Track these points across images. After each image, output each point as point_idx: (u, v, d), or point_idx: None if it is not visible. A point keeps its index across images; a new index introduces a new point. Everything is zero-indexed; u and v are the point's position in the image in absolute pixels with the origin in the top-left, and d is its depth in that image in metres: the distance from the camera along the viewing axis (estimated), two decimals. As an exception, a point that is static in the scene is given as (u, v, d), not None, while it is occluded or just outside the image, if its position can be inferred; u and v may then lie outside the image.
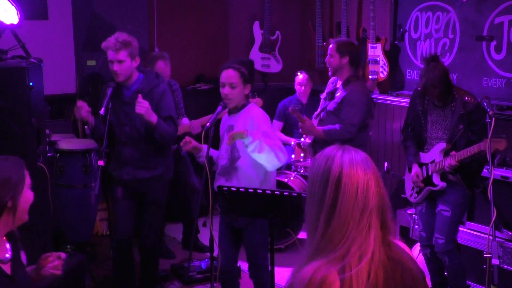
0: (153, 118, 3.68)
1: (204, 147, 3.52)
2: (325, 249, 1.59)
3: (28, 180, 2.27)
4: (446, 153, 3.79)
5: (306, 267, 1.57)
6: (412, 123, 4.02)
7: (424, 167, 3.92)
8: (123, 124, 3.82)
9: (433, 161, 3.86)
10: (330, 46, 4.39)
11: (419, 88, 3.92)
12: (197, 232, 5.18)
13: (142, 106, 3.61)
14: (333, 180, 1.60)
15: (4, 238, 2.22)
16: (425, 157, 3.92)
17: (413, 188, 4.04)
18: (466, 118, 3.71)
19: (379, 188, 1.64)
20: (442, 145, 3.80)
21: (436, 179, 3.85)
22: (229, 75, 3.45)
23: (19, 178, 2.21)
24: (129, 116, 3.76)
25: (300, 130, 4.41)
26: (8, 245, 2.19)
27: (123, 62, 3.73)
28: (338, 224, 1.58)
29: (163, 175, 4.00)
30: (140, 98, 3.63)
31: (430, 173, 3.87)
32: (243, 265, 4.24)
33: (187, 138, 3.54)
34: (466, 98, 3.74)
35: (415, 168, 3.94)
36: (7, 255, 2.16)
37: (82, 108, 3.79)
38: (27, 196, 2.26)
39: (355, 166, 1.62)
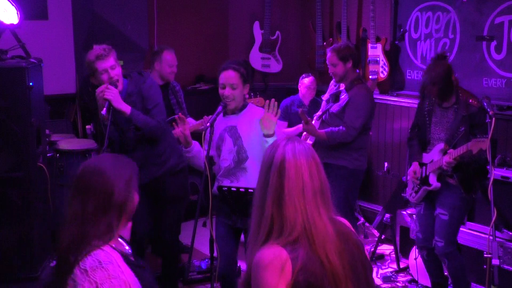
0: (124, 107, 3.61)
1: (195, 144, 3.48)
2: (279, 231, 1.75)
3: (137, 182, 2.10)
4: (444, 153, 3.78)
5: (263, 250, 1.73)
6: (419, 123, 4.01)
7: (424, 167, 3.93)
8: (126, 131, 3.77)
9: (431, 161, 3.86)
10: (329, 55, 4.38)
11: None
12: (178, 233, 5.21)
13: (110, 92, 3.55)
14: (276, 166, 1.79)
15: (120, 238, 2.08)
16: (426, 157, 3.92)
17: (413, 188, 4.04)
18: (468, 120, 3.69)
19: (320, 172, 1.83)
20: (441, 146, 3.80)
21: (432, 179, 3.85)
22: (229, 76, 3.42)
23: (136, 179, 2.05)
24: (128, 121, 3.72)
25: (303, 129, 4.42)
26: (124, 243, 2.08)
27: (115, 67, 3.67)
28: (291, 206, 1.75)
29: (177, 165, 3.94)
30: (108, 86, 3.58)
31: (427, 173, 3.87)
32: (243, 265, 4.24)
33: (181, 115, 3.41)
34: (470, 101, 3.72)
35: (414, 166, 3.94)
36: (127, 248, 2.05)
37: None
38: (136, 199, 2.07)
39: (298, 155, 1.80)
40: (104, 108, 3.53)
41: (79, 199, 1.95)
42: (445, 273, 4.09)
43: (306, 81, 5.64)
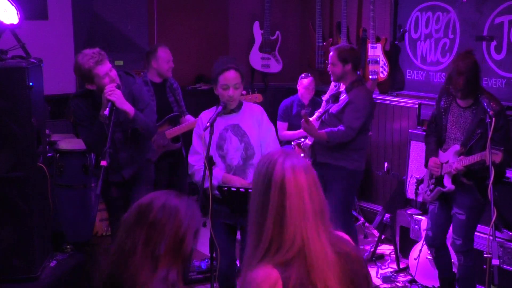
0: (128, 108, 3.64)
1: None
2: (276, 250, 1.68)
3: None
4: (459, 156, 3.74)
5: (256, 270, 1.67)
6: (435, 120, 3.98)
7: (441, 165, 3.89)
8: (114, 131, 3.77)
9: (447, 162, 3.83)
10: (331, 54, 4.39)
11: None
12: None
13: (114, 94, 3.56)
14: (276, 185, 1.69)
15: None
16: (442, 156, 3.87)
17: (428, 186, 4.01)
18: (486, 123, 3.54)
19: (319, 191, 1.75)
20: (457, 147, 3.75)
21: (447, 180, 3.81)
22: (232, 77, 3.40)
23: (199, 222, 1.82)
24: (117, 122, 3.72)
25: (302, 127, 4.44)
26: None
27: (112, 69, 3.68)
28: (291, 225, 1.67)
29: (150, 159, 4.09)
30: (112, 86, 3.59)
31: (442, 173, 3.85)
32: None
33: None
34: (491, 104, 3.56)
35: (433, 160, 3.88)
36: None
37: None
38: (191, 244, 1.81)
39: (297, 172, 1.71)
40: (107, 109, 3.54)
41: (142, 232, 1.71)
42: (453, 270, 4.09)
43: (305, 82, 5.64)
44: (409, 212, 4.71)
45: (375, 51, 5.66)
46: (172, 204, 1.77)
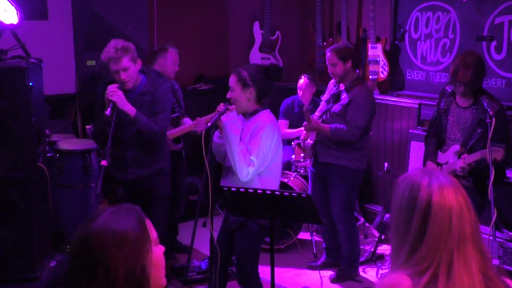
0: (129, 109, 3.66)
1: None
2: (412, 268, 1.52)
3: (154, 234, 1.55)
4: (459, 156, 3.73)
5: (387, 276, 1.54)
6: (436, 121, 3.98)
7: (439, 167, 3.88)
8: (125, 127, 3.79)
9: (446, 163, 3.82)
10: (328, 55, 4.37)
11: (446, 87, 3.85)
12: (176, 234, 5.21)
13: (116, 95, 3.59)
14: (420, 211, 1.51)
15: None
16: (441, 157, 3.86)
17: None
18: (485, 123, 3.55)
19: (471, 213, 1.53)
20: (456, 147, 3.74)
21: None
22: (230, 78, 3.45)
23: (140, 234, 1.50)
24: (131, 123, 3.74)
25: (304, 129, 4.43)
26: None
27: (128, 69, 3.70)
28: (424, 255, 1.50)
29: (165, 168, 4.04)
30: (113, 87, 3.63)
31: None
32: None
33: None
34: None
35: (430, 164, 3.89)
36: None
37: None
38: (157, 254, 1.56)
39: (446, 193, 1.51)
40: (109, 109, 3.55)
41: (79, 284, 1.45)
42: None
43: (299, 83, 5.64)
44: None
45: (375, 51, 5.66)
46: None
